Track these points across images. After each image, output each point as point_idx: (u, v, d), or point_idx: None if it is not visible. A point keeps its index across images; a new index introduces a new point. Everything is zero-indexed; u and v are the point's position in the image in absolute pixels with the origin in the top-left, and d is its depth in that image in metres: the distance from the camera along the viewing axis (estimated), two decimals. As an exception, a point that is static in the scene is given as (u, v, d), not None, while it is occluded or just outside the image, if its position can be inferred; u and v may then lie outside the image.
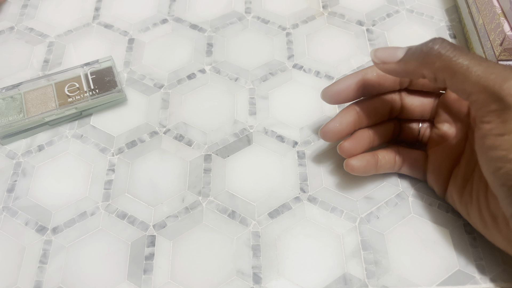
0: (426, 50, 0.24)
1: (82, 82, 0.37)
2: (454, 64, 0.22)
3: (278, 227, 0.31)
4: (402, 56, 0.25)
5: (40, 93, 0.37)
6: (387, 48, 0.27)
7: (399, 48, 0.26)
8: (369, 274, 0.29)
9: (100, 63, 0.38)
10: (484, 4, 0.36)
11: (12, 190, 0.33)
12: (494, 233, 0.26)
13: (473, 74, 0.22)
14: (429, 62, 0.23)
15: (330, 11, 0.43)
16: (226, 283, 0.29)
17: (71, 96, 0.36)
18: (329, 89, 0.30)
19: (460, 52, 0.23)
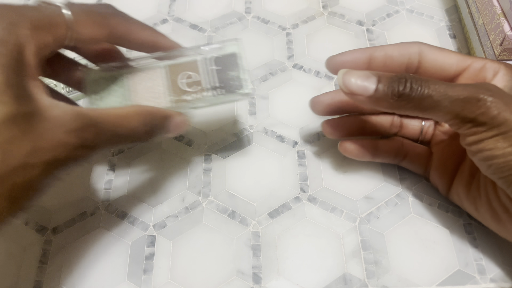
0: (398, 95, 0.24)
1: (200, 73, 0.28)
2: (424, 103, 0.24)
3: (278, 227, 0.31)
4: (372, 92, 0.25)
5: (148, 78, 0.28)
6: (355, 75, 0.26)
7: (368, 79, 0.25)
8: (369, 274, 0.29)
9: (225, 46, 0.28)
10: (484, 4, 0.36)
11: (12, 190, 0.33)
12: (508, 226, 0.26)
13: (442, 107, 0.24)
14: (400, 105, 0.25)
15: (330, 11, 0.43)
16: (226, 283, 0.29)
17: (188, 93, 0.28)
18: (335, 58, 0.30)
19: (428, 87, 0.24)
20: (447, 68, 0.28)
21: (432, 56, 0.28)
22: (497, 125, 0.23)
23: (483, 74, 0.27)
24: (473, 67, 0.28)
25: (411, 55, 0.29)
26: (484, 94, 0.23)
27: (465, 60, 0.28)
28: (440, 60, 0.28)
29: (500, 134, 0.23)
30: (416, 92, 0.24)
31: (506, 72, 0.26)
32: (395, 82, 0.24)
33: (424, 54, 0.28)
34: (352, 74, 0.26)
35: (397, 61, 0.29)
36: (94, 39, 0.25)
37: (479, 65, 0.27)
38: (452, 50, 0.29)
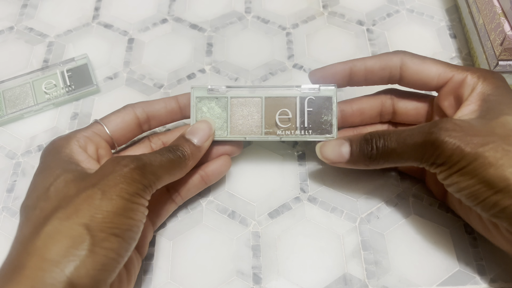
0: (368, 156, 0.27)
1: (296, 111, 0.30)
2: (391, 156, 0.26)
3: (278, 227, 0.31)
4: (348, 157, 0.28)
5: (246, 106, 0.31)
6: (330, 146, 0.29)
7: (341, 146, 0.28)
8: (369, 274, 0.29)
9: (322, 89, 0.30)
10: (484, 4, 0.36)
11: (11, 190, 0.33)
12: (498, 238, 0.26)
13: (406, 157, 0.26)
14: (373, 163, 0.27)
15: (330, 11, 0.43)
16: (226, 283, 0.29)
17: (280, 128, 0.30)
18: (315, 72, 0.31)
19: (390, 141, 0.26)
20: (428, 80, 0.28)
21: (414, 68, 0.29)
22: (455, 162, 0.24)
23: (461, 90, 0.27)
24: (454, 80, 0.28)
25: (392, 69, 0.29)
26: (439, 135, 0.24)
27: (446, 73, 0.28)
28: (422, 72, 0.28)
29: (461, 169, 0.24)
30: (381, 150, 0.26)
31: (483, 87, 0.26)
32: (363, 144, 0.27)
33: (406, 67, 0.29)
34: (327, 146, 0.29)
35: (378, 75, 0.29)
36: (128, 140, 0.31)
37: (459, 79, 0.27)
38: (436, 60, 0.29)
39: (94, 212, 0.22)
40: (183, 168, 0.28)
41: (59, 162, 0.26)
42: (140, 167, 0.25)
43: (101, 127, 0.29)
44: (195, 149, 0.28)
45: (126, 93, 0.38)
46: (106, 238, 0.22)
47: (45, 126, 0.36)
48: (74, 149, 0.27)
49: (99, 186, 0.23)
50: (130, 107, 0.30)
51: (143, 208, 0.25)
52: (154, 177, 0.25)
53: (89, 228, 0.22)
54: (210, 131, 0.30)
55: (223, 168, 0.31)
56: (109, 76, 0.39)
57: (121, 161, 0.25)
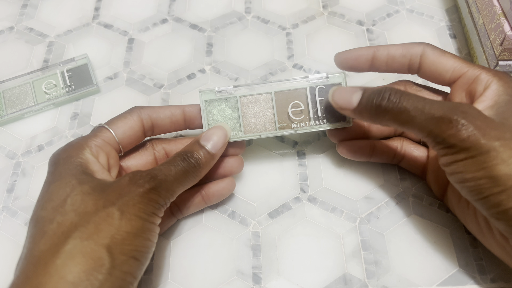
0: (375, 106, 0.25)
1: (307, 103, 0.30)
2: (400, 116, 0.25)
3: (278, 227, 0.31)
4: (356, 104, 0.27)
5: (256, 104, 0.30)
6: (343, 91, 0.28)
7: (354, 93, 0.27)
8: (369, 274, 0.29)
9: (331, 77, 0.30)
10: (484, 4, 0.36)
11: (11, 190, 0.33)
12: (490, 240, 0.26)
13: (417, 123, 0.24)
14: (379, 116, 0.26)
15: (330, 11, 0.43)
16: (226, 283, 0.29)
17: (295, 121, 0.30)
18: (340, 55, 0.31)
19: (406, 101, 0.25)
20: (443, 73, 0.28)
21: (433, 58, 0.28)
22: (466, 148, 0.23)
23: (475, 86, 0.27)
24: (467, 76, 0.28)
25: (413, 56, 0.29)
26: (458, 116, 0.23)
27: (462, 68, 0.28)
28: (439, 63, 0.28)
29: (469, 158, 0.23)
30: (393, 104, 0.25)
31: (498, 86, 0.26)
32: (375, 94, 0.26)
33: (425, 56, 0.28)
34: (340, 90, 0.28)
35: (398, 61, 0.29)
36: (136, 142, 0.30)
37: (473, 75, 0.27)
38: (455, 56, 0.28)
39: (114, 233, 0.22)
40: (196, 177, 0.27)
41: (73, 172, 0.25)
42: (157, 187, 0.25)
43: (110, 134, 0.28)
44: (209, 156, 0.28)
45: (126, 93, 0.38)
46: (125, 261, 0.22)
47: (45, 126, 0.36)
48: (88, 158, 0.26)
49: (118, 206, 0.23)
50: (137, 112, 0.29)
51: (156, 228, 0.25)
52: (169, 193, 0.25)
53: (110, 249, 0.22)
54: (225, 138, 0.29)
55: (225, 190, 0.31)
56: (109, 76, 0.39)
57: (138, 180, 0.24)
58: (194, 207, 0.31)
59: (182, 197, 0.30)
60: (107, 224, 0.22)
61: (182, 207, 0.30)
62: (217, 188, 0.31)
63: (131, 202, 0.23)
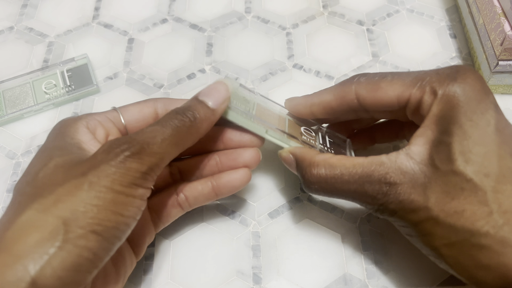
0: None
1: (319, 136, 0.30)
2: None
3: (278, 227, 0.31)
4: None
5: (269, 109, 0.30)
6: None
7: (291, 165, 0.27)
8: (370, 274, 0.29)
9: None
10: (484, 3, 0.36)
11: (11, 190, 0.33)
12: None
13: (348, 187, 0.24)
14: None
15: (330, 10, 0.43)
16: (226, 283, 0.29)
17: (305, 137, 0.29)
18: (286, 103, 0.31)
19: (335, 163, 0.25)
20: (389, 105, 0.25)
21: (369, 95, 0.26)
22: (405, 214, 0.23)
23: (421, 112, 0.24)
24: (412, 101, 0.24)
25: (349, 102, 0.27)
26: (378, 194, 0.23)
27: (404, 93, 0.25)
28: (379, 97, 0.25)
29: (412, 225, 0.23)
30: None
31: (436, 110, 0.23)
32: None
33: (361, 97, 0.26)
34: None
35: (338, 110, 0.28)
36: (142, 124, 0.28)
37: (416, 99, 0.24)
38: (392, 81, 0.25)
39: (77, 205, 0.20)
40: (195, 134, 0.25)
41: (59, 143, 0.24)
42: (137, 152, 0.22)
43: (116, 114, 0.27)
44: (209, 112, 0.25)
45: (126, 93, 0.38)
46: (83, 236, 0.20)
47: (45, 126, 0.36)
48: (80, 129, 0.25)
49: (88, 177, 0.21)
50: (152, 100, 0.28)
51: (139, 202, 0.22)
52: (155, 158, 0.22)
53: (67, 222, 0.20)
54: (226, 93, 0.26)
55: (238, 182, 0.28)
56: (109, 76, 0.39)
57: (114, 148, 0.22)
58: (203, 199, 0.28)
59: (191, 185, 0.28)
60: (71, 196, 0.20)
61: (190, 197, 0.28)
62: (229, 178, 0.28)
63: (104, 173, 0.21)
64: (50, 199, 0.21)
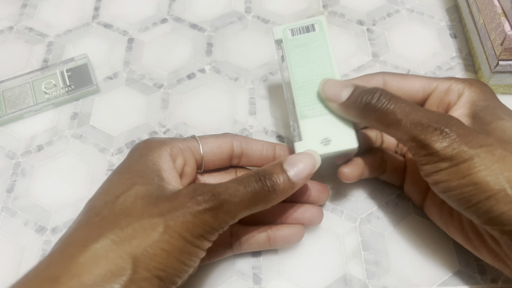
0: (364, 103, 0.25)
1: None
2: (387, 117, 0.25)
3: (278, 227, 0.31)
4: (344, 100, 0.26)
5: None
6: (334, 83, 0.27)
7: (345, 88, 0.27)
8: (370, 274, 0.29)
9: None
10: (484, 3, 0.36)
11: (11, 190, 0.33)
12: (480, 248, 0.26)
13: (401, 127, 0.24)
14: (365, 114, 0.25)
15: (330, 10, 0.43)
16: (226, 283, 0.29)
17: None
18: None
19: (395, 103, 0.25)
20: (414, 94, 0.28)
21: (397, 85, 0.28)
22: (449, 157, 0.23)
23: (447, 97, 0.27)
24: (439, 90, 0.28)
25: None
26: (442, 125, 0.23)
27: (430, 84, 0.28)
28: (406, 87, 0.28)
29: (453, 166, 0.23)
30: (382, 104, 0.25)
31: (470, 93, 0.26)
32: (366, 92, 0.26)
33: (388, 85, 0.28)
34: (331, 82, 0.28)
35: None
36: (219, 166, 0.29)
37: (444, 87, 0.27)
38: (416, 75, 0.29)
39: (148, 246, 0.21)
40: (268, 203, 0.24)
41: (140, 168, 0.24)
42: (216, 208, 0.22)
43: (196, 144, 0.28)
44: (288, 184, 0.24)
45: (126, 93, 0.38)
46: (147, 279, 0.21)
47: (45, 126, 0.36)
48: (163, 156, 0.25)
49: (164, 219, 0.22)
50: (230, 136, 0.29)
51: (201, 253, 0.23)
52: (228, 217, 0.23)
53: (136, 262, 0.20)
54: (312, 168, 0.26)
55: (294, 238, 0.29)
56: (109, 76, 0.39)
57: (197, 195, 0.22)
58: (256, 246, 0.29)
59: (247, 231, 0.28)
60: (145, 235, 0.21)
61: (244, 242, 0.28)
62: (286, 233, 0.28)
63: (180, 219, 0.22)
64: (126, 233, 0.21)
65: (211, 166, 0.29)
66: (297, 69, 0.29)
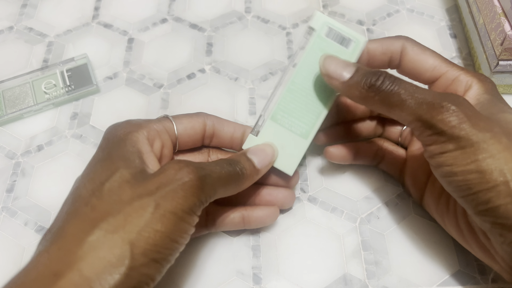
0: (369, 84, 0.25)
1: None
2: (391, 98, 0.24)
3: (278, 227, 0.31)
4: (347, 78, 0.26)
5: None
6: (336, 60, 0.27)
7: (347, 66, 0.26)
8: (370, 274, 0.29)
9: None
10: (484, 3, 0.36)
11: (11, 190, 0.33)
12: (471, 242, 0.26)
13: (406, 107, 0.24)
14: (369, 96, 0.25)
15: (330, 10, 0.43)
16: (226, 283, 0.29)
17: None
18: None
19: (399, 85, 0.24)
20: (422, 71, 0.28)
21: (413, 55, 0.28)
22: (456, 137, 0.22)
23: (455, 86, 0.27)
24: (447, 77, 0.27)
25: (393, 53, 0.28)
26: (450, 102, 0.23)
27: (441, 67, 0.27)
28: (419, 61, 0.28)
29: (459, 149, 0.22)
30: (386, 86, 0.24)
31: (479, 87, 0.26)
32: (370, 73, 0.25)
33: (405, 53, 0.28)
34: (334, 58, 0.27)
35: (379, 59, 0.29)
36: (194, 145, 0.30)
37: (453, 75, 0.27)
38: (435, 53, 0.28)
39: (142, 228, 0.21)
40: (239, 186, 0.26)
41: (121, 153, 0.24)
42: (202, 178, 0.23)
43: (171, 125, 0.28)
44: (254, 170, 0.27)
45: (126, 93, 0.38)
46: (146, 264, 0.21)
47: (44, 126, 0.36)
48: (141, 138, 0.25)
49: (155, 197, 0.22)
50: (203, 116, 0.29)
51: (191, 229, 0.23)
52: (211, 191, 0.24)
53: (133, 247, 0.21)
54: (272, 157, 0.28)
55: (267, 218, 0.30)
56: (109, 76, 0.39)
57: (184, 167, 0.23)
58: (231, 225, 0.29)
59: (223, 210, 0.29)
60: (137, 217, 0.21)
61: (219, 222, 0.29)
62: (260, 214, 0.29)
63: (171, 194, 0.22)
64: (119, 220, 0.22)
65: (185, 146, 0.29)
66: (304, 73, 0.29)
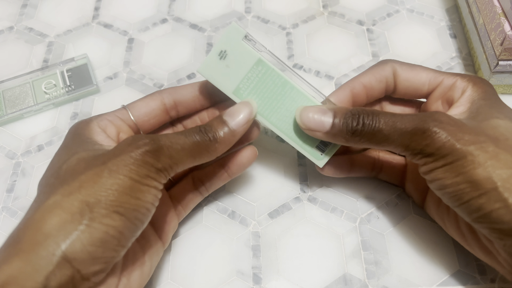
0: (351, 132, 0.25)
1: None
2: (375, 137, 0.25)
3: (278, 227, 0.31)
4: (329, 128, 0.26)
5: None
6: (312, 112, 0.27)
7: (324, 115, 0.26)
8: (369, 274, 0.29)
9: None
10: (484, 3, 0.36)
11: (11, 190, 0.33)
12: (473, 245, 0.26)
13: (392, 140, 0.25)
14: (355, 139, 0.26)
15: (330, 10, 0.43)
16: (226, 283, 0.29)
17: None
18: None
19: (378, 121, 0.25)
20: (419, 87, 0.29)
21: (405, 75, 0.29)
22: (443, 156, 0.23)
23: (452, 93, 0.27)
24: (444, 85, 0.28)
25: (388, 79, 0.29)
26: (430, 125, 0.23)
27: (436, 78, 0.28)
28: (413, 78, 0.29)
29: (447, 164, 0.23)
30: (368, 127, 0.25)
31: (472, 92, 0.27)
32: (349, 118, 0.26)
33: (397, 74, 0.29)
34: (309, 110, 0.27)
35: (377, 89, 0.29)
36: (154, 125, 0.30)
37: (449, 83, 0.28)
38: (424, 67, 0.29)
39: (98, 190, 0.22)
40: (211, 152, 0.26)
41: (78, 142, 0.25)
42: (155, 150, 0.23)
43: (125, 112, 0.28)
44: (229, 133, 0.26)
45: (126, 93, 0.38)
46: (107, 215, 0.21)
47: (45, 126, 0.36)
48: (93, 129, 0.26)
49: (108, 165, 0.22)
50: (157, 93, 0.29)
51: (154, 191, 0.23)
52: (171, 160, 0.24)
53: (90, 204, 0.21)
54: (250, 116, 0.27)
55: (246, 160, 0.30)
56: (109, 76, 0.39)
57: (136, 141, 0.23)
58: (218, 181, 0.30)
59: (204, 172, 0.30)
60: (93, 182, 0.22)
61: (207, 183, 0.30)
62: (238, 158, 0.30)
63: (122, 162, 0.22)
64: (74, 186, 0.22)
65: (150, 126, 0.29)
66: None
